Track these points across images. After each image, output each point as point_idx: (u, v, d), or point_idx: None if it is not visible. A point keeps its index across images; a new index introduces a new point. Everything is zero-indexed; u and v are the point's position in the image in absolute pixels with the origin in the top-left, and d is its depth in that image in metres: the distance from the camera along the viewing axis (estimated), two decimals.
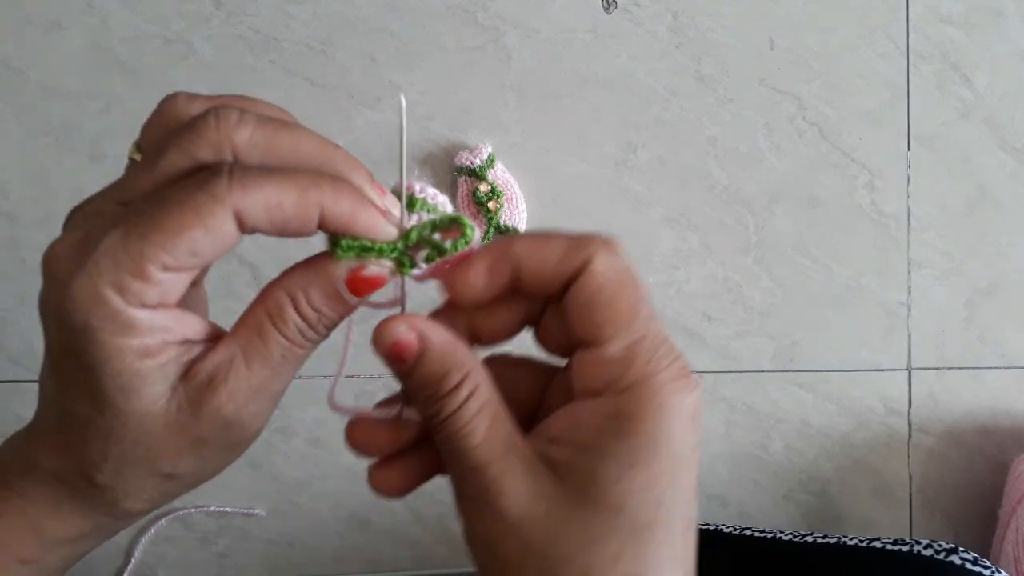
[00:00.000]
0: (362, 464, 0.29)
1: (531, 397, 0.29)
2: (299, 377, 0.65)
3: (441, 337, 0.25)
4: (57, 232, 0.24)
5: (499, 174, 0.63)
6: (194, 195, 0.23)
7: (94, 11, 0.61)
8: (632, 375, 0.24)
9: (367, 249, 0.25)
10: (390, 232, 0.25)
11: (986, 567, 0.47)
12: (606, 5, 0.65)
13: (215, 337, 0.26)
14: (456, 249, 0.26)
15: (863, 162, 0.68)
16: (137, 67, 0.62)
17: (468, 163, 0.62)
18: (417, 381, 0.25)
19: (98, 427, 0.25)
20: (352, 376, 0.63)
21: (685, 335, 0.66)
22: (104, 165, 0.62)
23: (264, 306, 0.25)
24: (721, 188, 0.67)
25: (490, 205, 0.62)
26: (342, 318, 0.26)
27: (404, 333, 0.25)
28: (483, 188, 0.62)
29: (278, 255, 0.59)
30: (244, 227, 0.24)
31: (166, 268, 0.23)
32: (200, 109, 0.25)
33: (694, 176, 0.67)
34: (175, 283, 0.24)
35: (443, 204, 0.27)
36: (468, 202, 0.62)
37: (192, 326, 0.25)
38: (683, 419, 0.24)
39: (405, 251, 0.26)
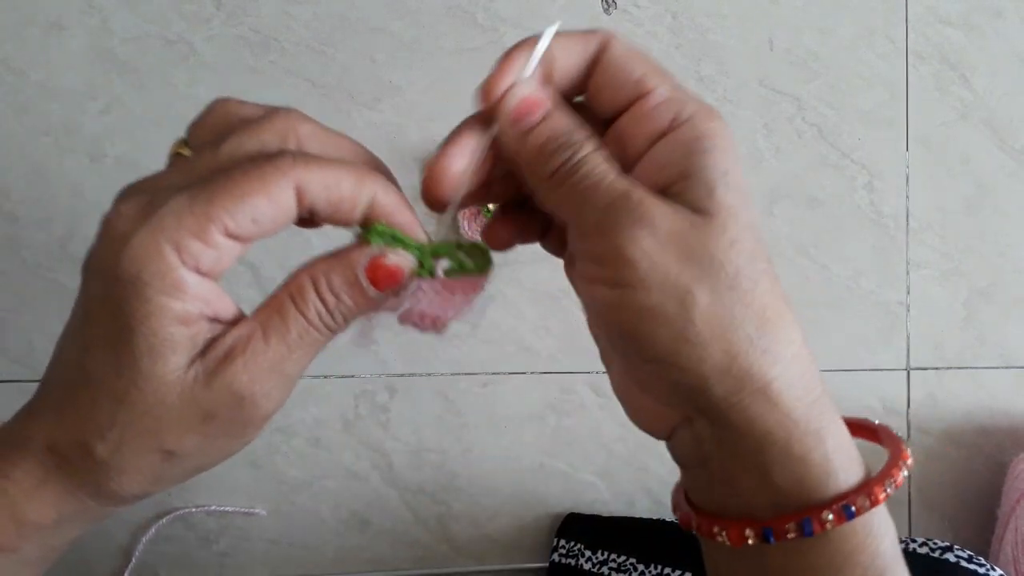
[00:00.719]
0: (363, 464, 0.29)
1: None
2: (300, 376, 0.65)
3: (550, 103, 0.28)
4: (56, 231, 0.25)
5: None
6: (261, 165, 0.25)
7: (94, 11, 0.62)
8: (693, 105, 0.27)
9: (397, 239, 0.27)
10: (421, 235, 0.28)
11: (981, 564, 0.47)
12: (605, 6, 0.65)
13: (240, 321, 0.27)
14: (476, 270, 0.28)
15: (862, 162, 0.69)
16: (138, 67, 0.62)
17: None
18: (545, 134, 0.27)
19: (113, 390, 0.25)
20: (351, 376, 0.63)
21: None
22: (104, 165, 0.62)
23: (287, 288, 0.26)
24: None
25: (490, 205, 0.62)
26: (359, 310, 0.27)
27: (536, 91, 0.27)
28: None
29: (279, 256, 0.59)
30: (302, 202, 0.25)
31: (227, 233, 0.24)
32: (252, 112, 0.27)
33: None
34: (229, 253, 0.25)
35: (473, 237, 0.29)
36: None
37: (226, 306, 0.26)
38: (733, 137, 0.28)
39: (428, 252, 0.27)
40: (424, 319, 0.28)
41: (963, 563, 0.48)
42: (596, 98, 0.29)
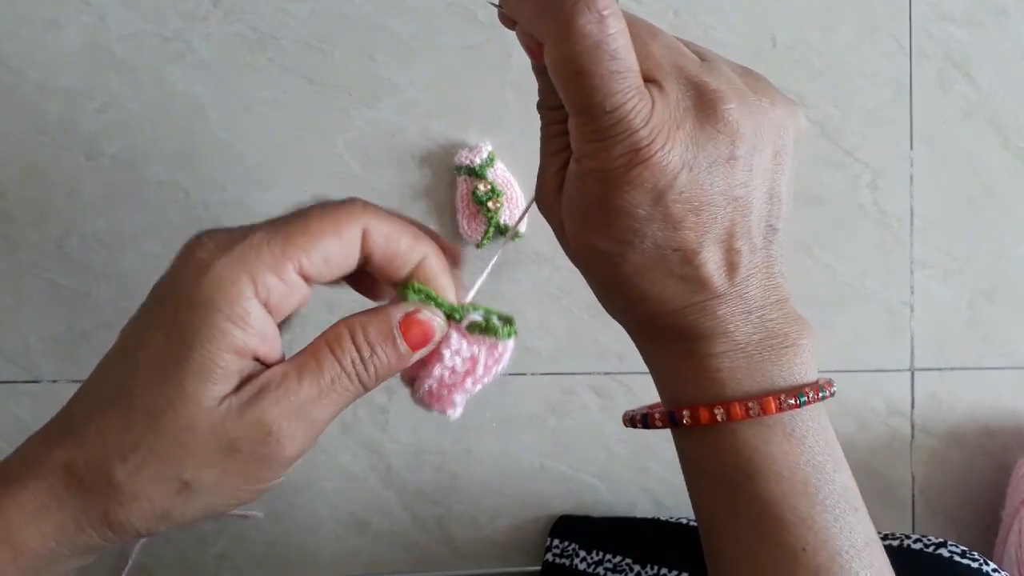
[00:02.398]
0: (361, 465, 0.30)
1: None
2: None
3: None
4: (52, 231, 0.25)
5: (499, 173, 0.62)
6: (334, 209, 0.28)
7: (91, 9, 0.61)
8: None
9: (431, 298, 0.29)
10: (453, 299, 0.30)
11: (974, 559, 0.47)
12: None
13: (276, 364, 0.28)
14: (503, 335, 0.30)
15: (865, 161, 0.68)
16: (135, 65, 0.61)
17: (468, 162, 0.61)
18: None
19: (148, 410, 0.26)
20: None
21: None
22: (101, 164, 0.61)
23: (325, 336, 0.28)
24: None
25: (490, 204, 0.61)
26: (391, 367, 0.29)
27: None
28: (483, 187, 0.61)
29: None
30: (366, 245, 0.28)
31: (300, 271, 0.27)
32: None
33: None
34: (299, 291, 0.27)
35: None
36: (468, 201, 0.62)
37: (275, 348, 0.28)
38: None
39: (459, 309, 0.30)
40: (442, 387, 0.30)
41: (957, 558, 0.47)
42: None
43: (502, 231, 0.62)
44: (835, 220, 0.68)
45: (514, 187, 0.63)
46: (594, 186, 0.27)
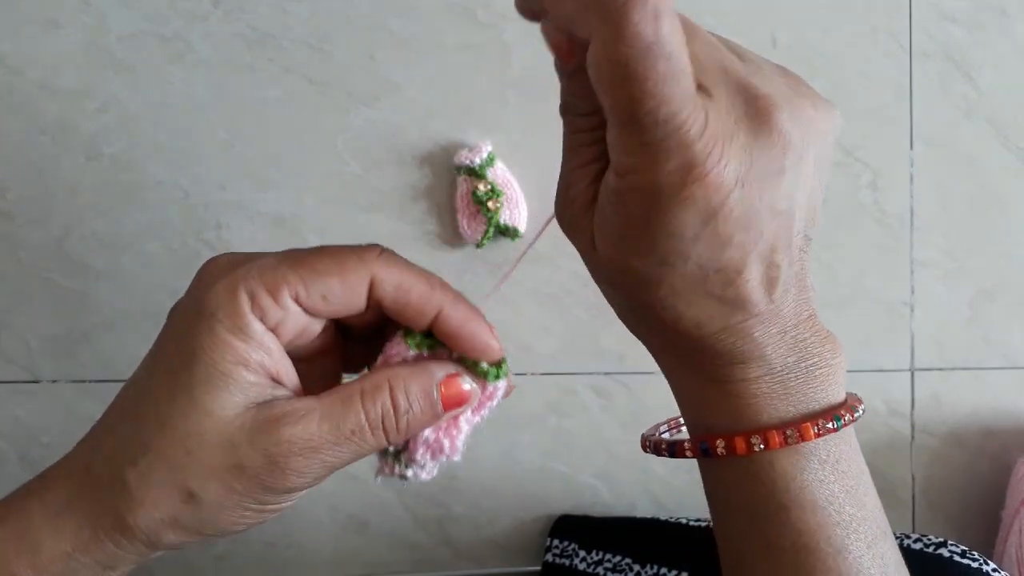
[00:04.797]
0: (361, 466, 0.30)
1: None
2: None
3: None
4: (52, 231, 0.25)
5: (499, 173, 0.62)
6: (345, 252, 0.28)
7: (91, 9, 0.61)
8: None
9: (432, 346, 0.30)
10: (495, 344, 0.30)
11: (974, 559, 0.47)
12: None
13: (303, 397, 0.28)
14: (491, 378, 0.31)
15: (866, 161, 0.68)
16: (134, 65, 0.61)
17: (468, 162, 0.61)
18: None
19: (160, 414, 0.26)
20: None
21: None
22: (101, 164, 0.61)
23: (361, 383, 0.28)
24: None
25: (490, 204, 0.61)
26: (421, 426, 0.29)
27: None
28: (483, 187, 0.61)
29: None
30: (373, 293, 0.28)
31: (296, 299, 0.27)
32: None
33: None
34: (295, 319, 0.27)
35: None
36: (468, 201, 0.62)
37: (287, 372, 0.28)
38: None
39: (496, 370, 0.30)
40: (441, 434, 0.30)
41: (957, 558, 0.47)
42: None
43: (502, 231, 0.62)
44: (835, 220, 0.68)
45: (514, 187, 0.62)
46: (638, 204, 0.25)
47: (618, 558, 0.58)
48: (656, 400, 0.65)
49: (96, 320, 0.61)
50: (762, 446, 0.28)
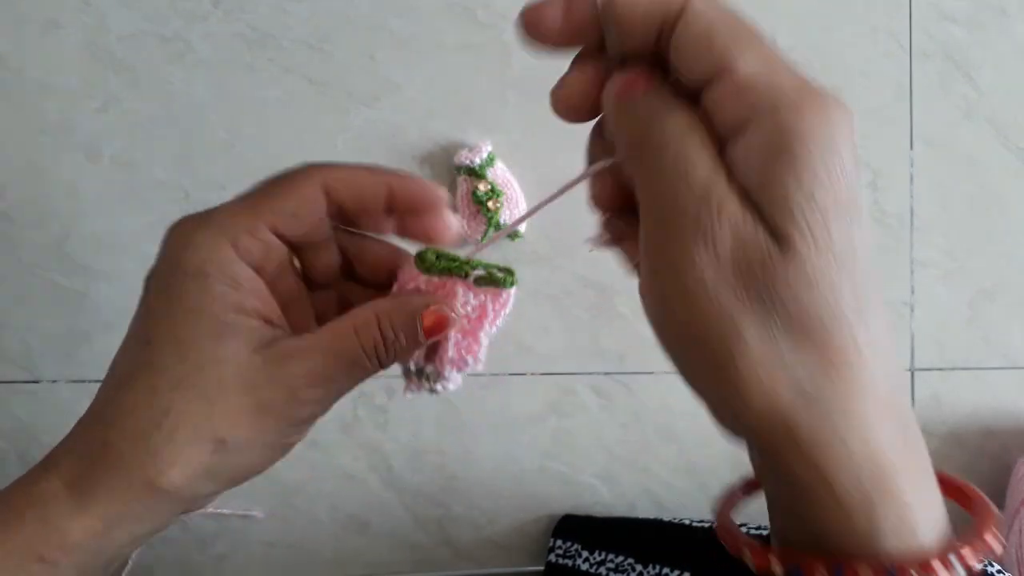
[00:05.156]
0: (360, 466, 0.30)
1: None
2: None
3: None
4: (52, 231, 0.26)
5: (499, 173, 0.62)
6: (293, 174, 0.30)
7: (91, 9, 0.61)
8: (777, 92, 0.22)
9: (444, 255, 0.31)
10: (453, 224, 0.32)
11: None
12: None
13: (297, 331, 0.30)
14: (507, 284, 0.33)
15: (866, 161, 0.68)
16: (134, 65, 0.61)
17: (468, 162, 0.61)
18: (642, 110, 0.25)
19: (174, 376, 0.27)
20: None
21: None
22: (101, 164, 0.61)
23: (351, 319, 0.29)
24: None
25: (490, 204, 0.61)
26: (408, 353, 0.31)
27: (634, 72, 0.26)
28: (483, 187, 0.61)
29: None
30: (331, 198, 0.30)
31: (272, 227, 0.29)
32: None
33: None
34: (277, 249, 0.29)
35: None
36: (468, 201, 0.62)
37: (277, 314, 0.29)
38: (846, 138, 0.22)
39: (467, 265, 0.32)
40: (461, 343, 0.32)
41: None
42: (679, 65, 0.24)
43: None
44: None
45: (514, 187, 0.63)
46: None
47: (620, 558, 0.58)
48: (656, 400, 0.65)
49: (96, 320, 0.61)
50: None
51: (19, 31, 0.61)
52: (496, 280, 0.32)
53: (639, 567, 0.56)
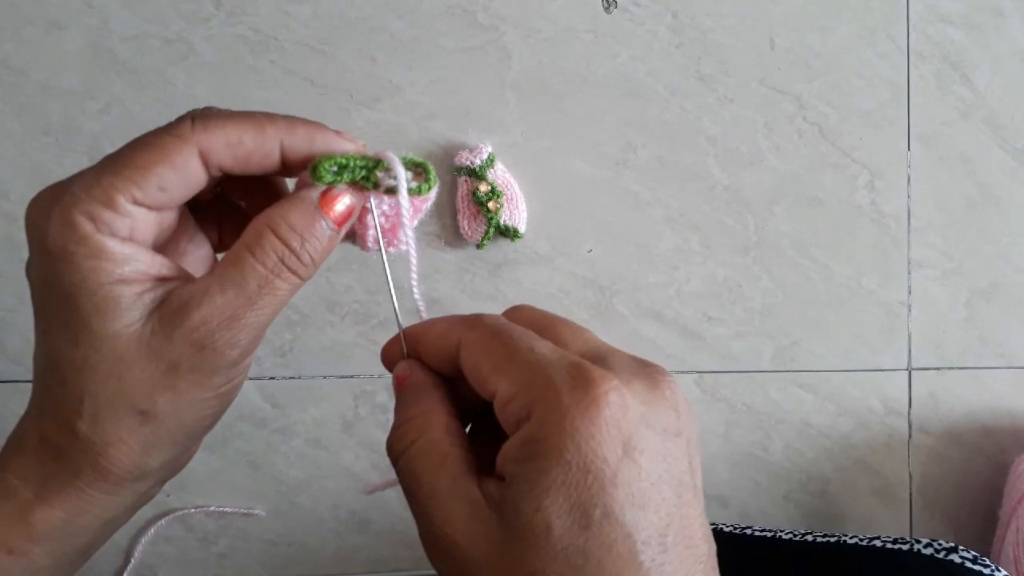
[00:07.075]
0: (361, 465, 0.30)
1: None
2: (298, 377, 0.65)
3: (415, 377, 0.28)
4: None
5: (499, 174, 0.63)
6: (161, 136, 0.26)
7: (94, 11, 0.61)
8: (525, 401, 0.24)
9: (343, 161, 0.27)
10: (350, 146, 0.28)
11: (986, 566, 0.47)
12: (606, 5, 0.65)
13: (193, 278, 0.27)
14: (420, 192, 0.29)
15: (863, 162, 0.68)
16: (137, 67, 0.62)
17: (468, 163, 0.62)
18: (400, 409, 0.28)
19: (74, 362, 0.26)
20: (351, 377, 0.63)
21: (685, 335, 0.66)
22: None
23: (244, 240, 0.27)
24: (721, 188, 0.67)
25: (490, 205, 0.62)
26: (325, 251, 0.28)
27: (402, 369, 0.28)
28: (483, 188, 0.62)
29: None
30: (210, 165, 0.26)
31: (136, 201, 0.25)
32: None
33: (694, 176, 0.67)
34: (144, 220, 0.26)
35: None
36: (468, 202, 0.62)
37: (168, 266, 0.27)
38: (595, 427, 0.23)
39: (373, 168, 0.28)
40: (383, 233, 0.29)
41: (968, 564, 0.47)
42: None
43: (502, 231, 0.62)
44: (833, 221, 0.68)
45: (514, 188, 0.63)
46: None
47: None
48: None
49: None
50: None
51: (22, 33, 0.61)
52: (412, 190, 0.29)
53: None
